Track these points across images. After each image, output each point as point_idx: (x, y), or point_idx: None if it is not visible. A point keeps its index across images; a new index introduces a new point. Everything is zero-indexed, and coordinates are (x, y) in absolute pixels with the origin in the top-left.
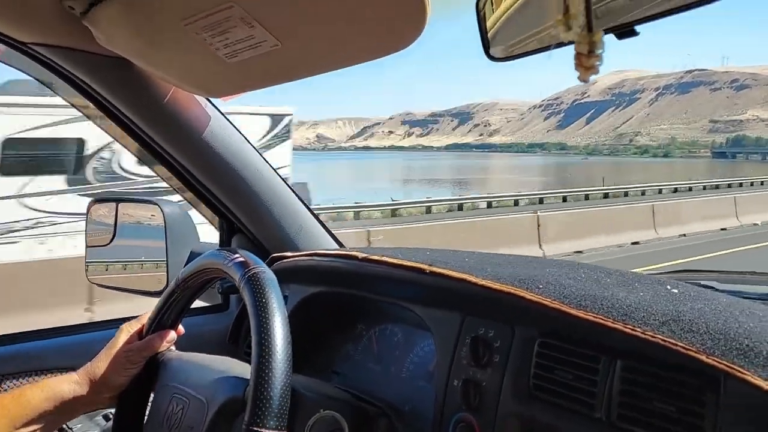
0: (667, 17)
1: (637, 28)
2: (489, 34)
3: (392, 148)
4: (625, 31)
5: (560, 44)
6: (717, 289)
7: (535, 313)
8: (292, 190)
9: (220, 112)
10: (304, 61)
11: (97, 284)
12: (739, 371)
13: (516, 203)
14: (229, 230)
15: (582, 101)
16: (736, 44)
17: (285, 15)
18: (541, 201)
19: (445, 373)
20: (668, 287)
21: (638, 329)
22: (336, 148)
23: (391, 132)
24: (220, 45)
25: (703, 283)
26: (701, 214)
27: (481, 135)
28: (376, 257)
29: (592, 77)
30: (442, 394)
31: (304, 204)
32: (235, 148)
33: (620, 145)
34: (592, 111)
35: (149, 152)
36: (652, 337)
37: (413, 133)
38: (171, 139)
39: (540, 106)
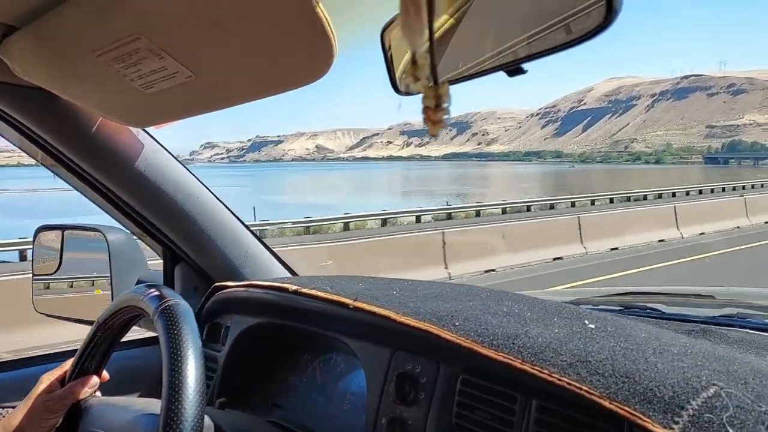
0: (512, 69)
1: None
2: (396, 70)
3: (390, 158)
4: (513, 69)
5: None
6: (664, 312)
7: (454, 351)
8: (236, 217)
9: (155, 140)
10: (220, 93)
11: (43, 313)
12: (640, 418)
13: (449, 216)
14: (172, 259)
15: (579, 109)
16: (733, 49)
17: (193, 48)
18: (477, 214)
19: (374, 410)
20: (586, 322)
21: (545, 371)
22: (335, 159)
23: (389, 142)
24: (134, 76)
25: (650, 306)
26: (638, 225)
27: (479, 144)
28: (306, 290)
29: (591, 86)
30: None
31: (250, 230)
32: (172, 176)
33: (614, 152)
34: (589, 118)
35: (83, 182)
36: (558, 379)
37: (411, 143)
38: (103, 168)
39: (537, 114)
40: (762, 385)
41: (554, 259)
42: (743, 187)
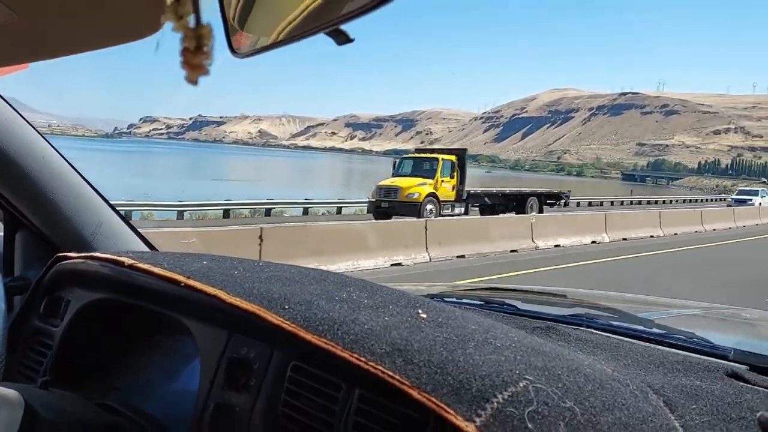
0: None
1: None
2: (233, 26)
3: (333, 149)
4: (339, 35)
5: (305, 35)
6: (518, 309)
7: (281, 336)
8: (92, 187)
9: (4, 100)
10: (46, 40)
11: None
12: (444, 410)
13: (305, 212)
14: (12, 224)
15: (520, 116)
16: (673, 71)
17: None
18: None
19: (204, 395)
20: (420, 311)
21: (363, 358)
22: (276, 145)
23: (334, 133)
24: None
25: (507, 302)
26: (496, 234)
27: (422, 142)
28: (140, 265)
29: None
30: (197, 419)
31: (107, 202)
32: (17, 138)
33: (544, 161)
34: (528, 126)
35: None
36: (374, 367)
37: (356, 136)
38: None
39: (481, 117)
40: (574, 382)
41: (511, 251)
42: (611, 203)
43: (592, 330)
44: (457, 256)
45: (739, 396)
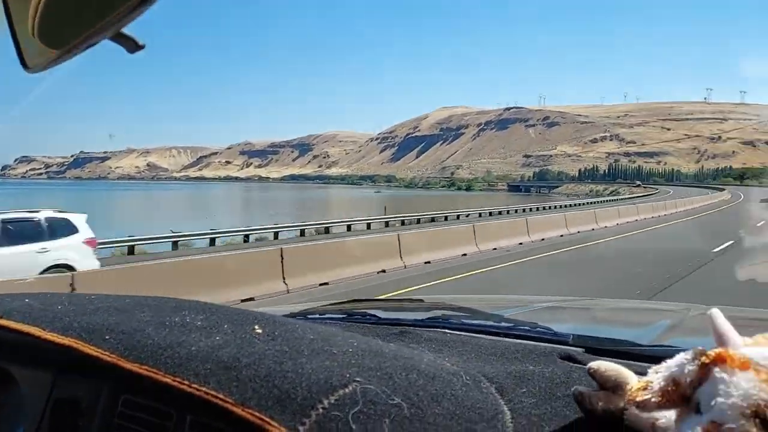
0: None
1: None
2: (22, 41)
3: (228, 178)
4: (129, 42)
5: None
6: (380, 318)
7: (106, 369)
8: None
9: None
10: None
11: None
12: (268, 422)
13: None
14: None
15: (414, 135)
16: (550, 85)
17: None
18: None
19: None
20: (256, 327)
21: (186, 381)
22: (167, 178)
23: (228, 162)
24: None
25: (369, 312)
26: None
27: (320, 166)
28: None
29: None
30: None
31: None
32: None
33: (437, 178)
34: (422, 144)
35: None
36: (197, 389)
37: (252, 163)
38: None
39: (377, 138)
40: (406, 378)
41: (378, 272)
42: (479, 215)
43: (446, 330)
44: (321, 284)
45: (568, 375)
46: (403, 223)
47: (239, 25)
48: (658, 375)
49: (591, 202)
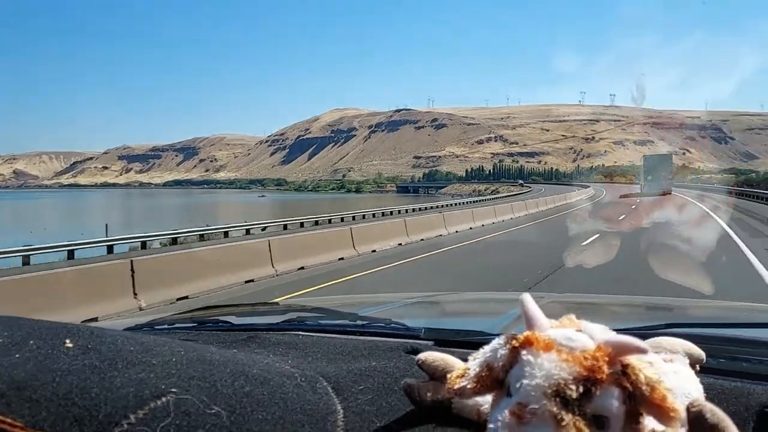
0: None
1: None
2: None
3: (105, 185)
4: None
5: None
6: (233, 324)
7: None
8: None
9: None
10: None
11: None
12: None
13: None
14: None
15: (305, 137)
16: (439, 88)
17: None
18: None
19: None
20: (67, 341)
21: None
22: (36, 186)
23: (105, 168)
24: None
25: (222, 319)
26: (321, 246)
27: (207, 170)
28: None
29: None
30: None
31: None
32: None
33: (327, 180)
34: (314, 147)
35: None
36: None
37: (132, 168)
38: None
39: (267, 141)
40: (231, 386)
41: (246, 282)
42: (353, 218)
43: (299, 332)
44: (179, 298)
45: (410, 369)
46: (285, 227)
47: (118, 18)
48: (475, 361)
49: (470, 202)
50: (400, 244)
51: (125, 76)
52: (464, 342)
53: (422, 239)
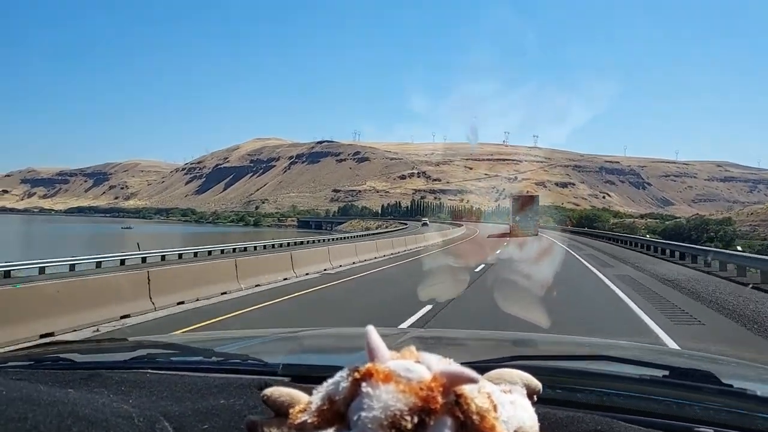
0: None
1: None
2: None
3: (3, 210)
4: None
5: None
6: (75, 362)
7: None
8: None
9: None
10: None
11: None
12: None
13: None
14: None
15: (223, 166)
16: (365, 123)
17: None
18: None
19: None
20: None
21: None
22: None
23: (5, 191)
24: None
25: (63, 356)
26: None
27: (116, 198)
28: None
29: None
30: None
31: None
32: None
33: (241, 211)
34: (231, 176)
35: None
36: None
37: (35, 193)
38: None
39: (183, 169)
40: (56, 428)
41: (121, 317)
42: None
43: (148, 370)
44: (41, 335)
45: (259, 406)
46: (163, 258)
47: (34, 29)
48: (317, 395)
49: (354, 236)
50: (285, 279)
51: (37, 93)
52: (321, 377)
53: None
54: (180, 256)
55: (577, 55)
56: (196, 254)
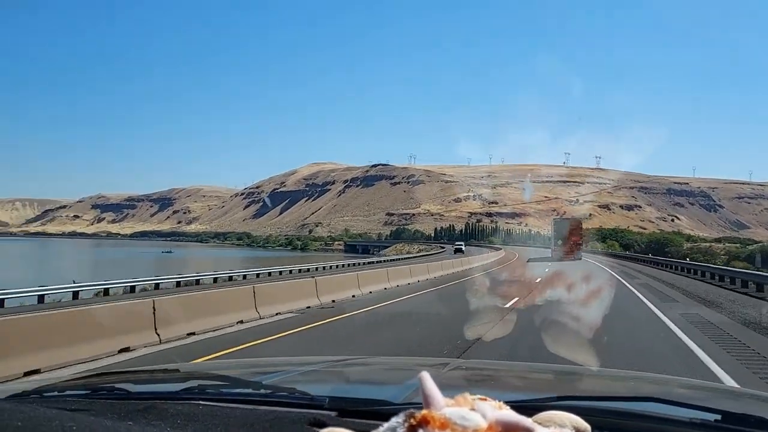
0: None
1: None
2: None
3: (74, 234)
4: None
5: None
6: (129, 392)
7: None
8: None
9: None
10: None
11: None
12: None
13: None
14: None
15: (279, 190)
16: (420, 147)
17: None
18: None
19: None
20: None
21: None
22: (2, 234)
23: (77, 216)
24: None
25: (117, 386)
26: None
27: (179, 222)
28: None
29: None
30: None
31: None
32: None
33: (295, 235)
34: (287, 200)
35: None
36: None
37: (105, 218)
38: None
39: (242, 194)
40: None
41: (120, 350)
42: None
43: (200, 402)
44: (26, 373)
45: None
46: (198, 282)
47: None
48: None
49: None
50: (308, 307)
51: (107, 125)
52: (367, 412)
53: (334, 300)
54: (197, 282)
55: (644, 76)
56: (215, 280)
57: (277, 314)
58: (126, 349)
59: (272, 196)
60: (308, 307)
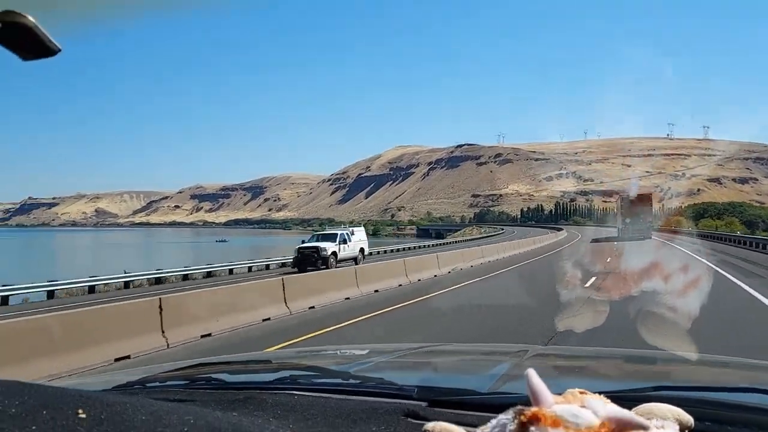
0: None
1: None
2: None
3: (174, 224)
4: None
5: None
6: (226, 382)
7: None
8: None
9: None
10: None
11: None
12: None
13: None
14: None
15: (365, 175)
16: (509, 126)
17: None
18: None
19: None
20: (79, 410)
21: None
22: (111, 224)
23: (177, 207)
24: None
25: (214, 376)
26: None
27: (270, 210)
28: None
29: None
30: None
31: None
32: None
33: (378, 220)
34: (372, 185)
35: None
36: None
37: (202, 207)
38: None
39: (329, 180)
40: None
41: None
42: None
43: (294, 392)
44: (202, 336)
45: None
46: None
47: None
48: None
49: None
50: (400, 285)
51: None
52: (455, 402)
53: (419, 279)
54: (231, 271)
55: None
56: (250, 269)
57: (310, 308)
58: (125, 357)
59: (357, 181)
60: (400, 285)
